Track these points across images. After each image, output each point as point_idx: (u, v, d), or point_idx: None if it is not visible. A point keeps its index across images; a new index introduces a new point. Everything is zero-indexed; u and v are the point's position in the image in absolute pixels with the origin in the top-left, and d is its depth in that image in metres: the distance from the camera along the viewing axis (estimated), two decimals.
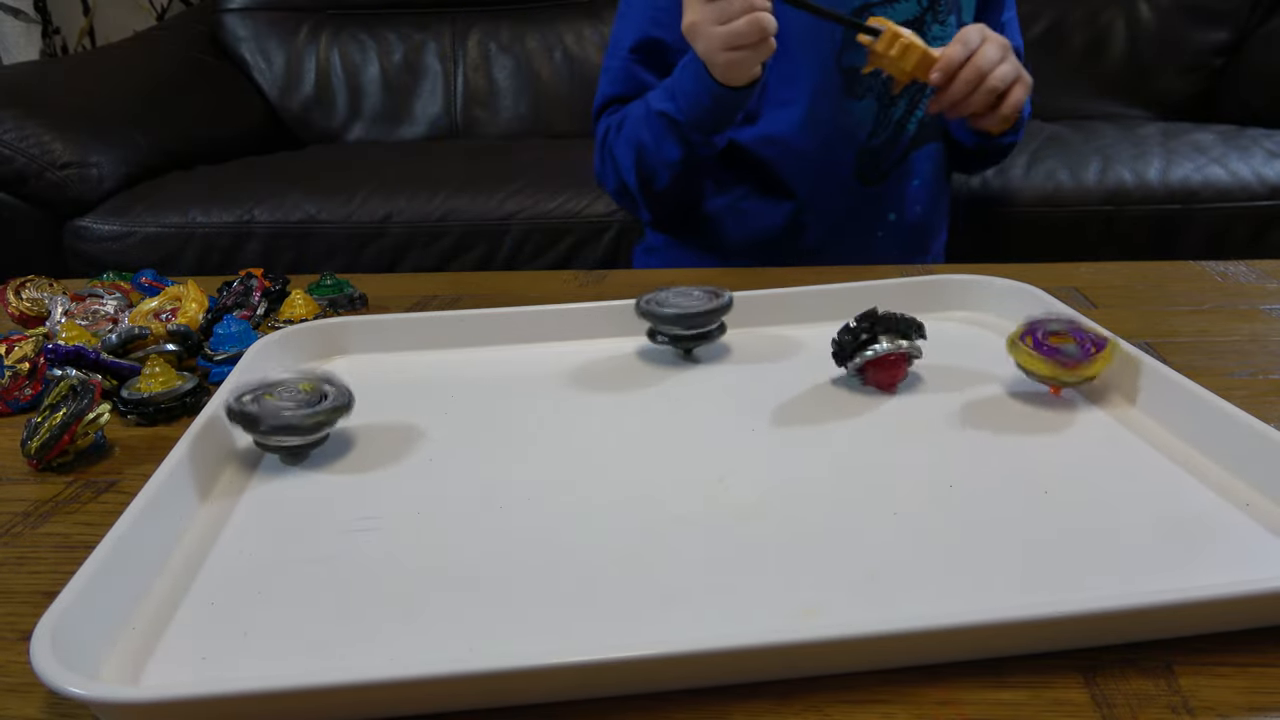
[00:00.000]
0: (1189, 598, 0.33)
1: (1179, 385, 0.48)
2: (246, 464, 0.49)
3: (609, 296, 0.75)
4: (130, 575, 0.38)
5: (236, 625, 0.37)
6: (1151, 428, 0.49)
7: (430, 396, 0.57)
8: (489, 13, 2.01)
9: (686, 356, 0.61)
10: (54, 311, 0.68)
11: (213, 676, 0.34)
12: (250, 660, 0.35)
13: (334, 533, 0.43)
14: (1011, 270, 0.72)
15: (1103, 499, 0.43)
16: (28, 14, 2.36)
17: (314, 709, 0.32)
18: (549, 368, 0.61)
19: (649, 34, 0.95)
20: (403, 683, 0.31)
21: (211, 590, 0.39)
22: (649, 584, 0.38)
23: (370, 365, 0.63)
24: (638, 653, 0.32)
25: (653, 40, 0.95)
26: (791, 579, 0.38)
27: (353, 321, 0.64)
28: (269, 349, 0.60)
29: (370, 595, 0.38)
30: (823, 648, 0.33)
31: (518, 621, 0.36)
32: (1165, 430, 0.49)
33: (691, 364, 0.60)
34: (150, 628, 0.37)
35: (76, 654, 0.33)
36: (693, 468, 0.47)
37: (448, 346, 0.64)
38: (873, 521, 0.42)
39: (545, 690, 0.33)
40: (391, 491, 0.47)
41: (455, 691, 0.32)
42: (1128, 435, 0.49)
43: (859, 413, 0.52)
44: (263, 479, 0.48)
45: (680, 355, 0.61)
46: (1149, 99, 1.92)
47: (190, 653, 0.35)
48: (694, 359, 0.60)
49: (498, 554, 0.41)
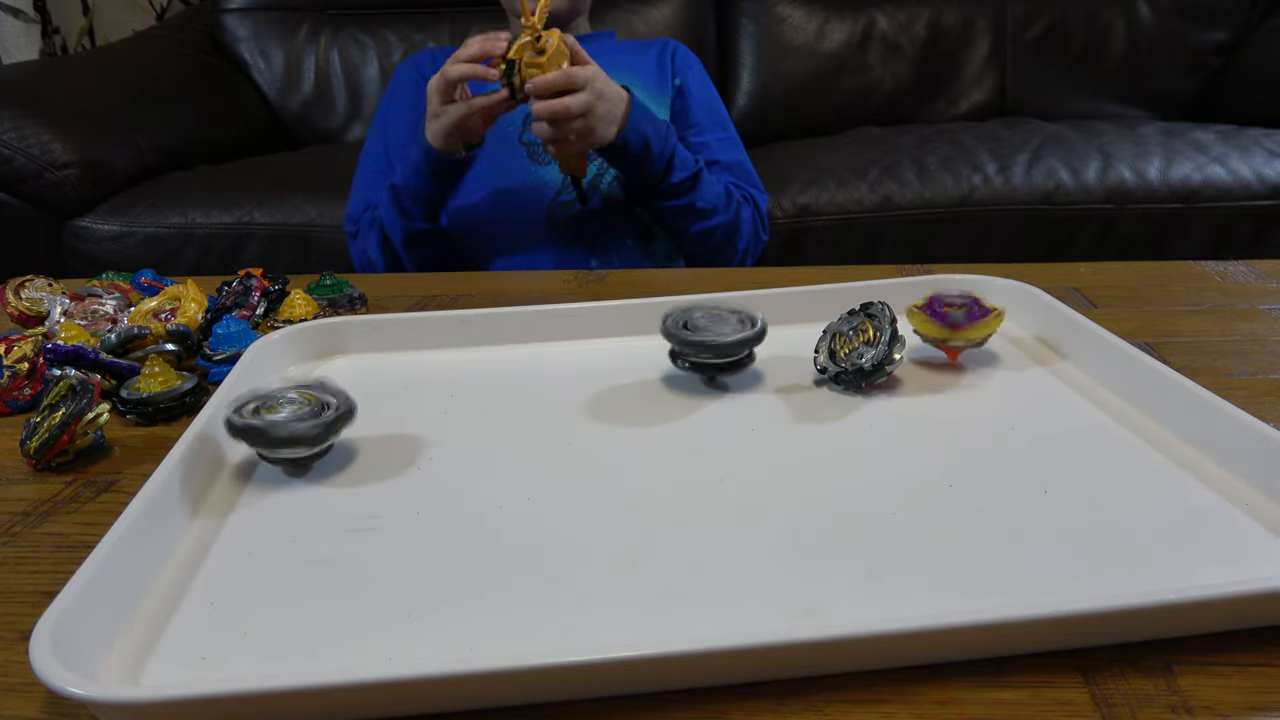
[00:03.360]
0: (1188, 598, 0.33)
1: (1179, 385, 0.48)
2: (246, 465, 0.49)
3: (609, 296, 0.75)
4: (130, 575, 0.38)
5: (236, 625, 0.37)
6: (1151, 427, 0.49)
7: (430, 396, 0.57)
8: (488, 13, 2.01)
9: (711, 384, 0.57)
10: (53, 311, 0.67)
11: (212, 676, 0.34)
12: (250, 660, 0.35)
13: (334, 533, 0.43)
14: (1011, 270, 0.72)
15: (1102, 499, 0.43)
16: (28, 14, 2.36)
17: (313, 709, 0.32)
18: (549, 368, 0.61)
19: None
20: (401, 682, 0.31)
21: (211, 590, 0.39)
22: (649, 584, 0.38)
23: (370, 365, 0.63)
24: (637, 652, 0.32)
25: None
26: (791, 579, 0.38)
27: (353, 321, 0.64)
28: (269, 349, 0.60)
29: (370, 595, 0.38)
30: (822, 648, 0.33)
31: (517, 621, 0.36)
32: (1165, 430, 0.49)
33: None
34: (150, 628, 0.37)
35: (76, 654, 0.33)
36: (693, 468, 0.47)
37: (448, 346, 0.64)
38: (873, 521, 0.42)
39: (545, 690, 0.33)
40: (391, 492, 0.47)
41: (454, 691, 0.32)
42: (1127, 435, 0.49)
43: (858, 413, 0.52)
44: (262, 479, 0.48)
45: (704, 383, 0.57)
46: (1149, 99, 1.92)
47: (190, 653, 0.35)
48: (720, 386, 0.56)
49: (497, 554, 0.41)
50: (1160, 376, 0.50)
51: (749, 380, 0.57)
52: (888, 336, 0.53)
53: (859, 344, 0.55)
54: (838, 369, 0.54)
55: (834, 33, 1.95)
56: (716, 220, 1.06)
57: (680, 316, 0.56)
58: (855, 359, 0.54)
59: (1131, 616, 0.33)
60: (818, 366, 0.56)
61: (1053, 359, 0.58)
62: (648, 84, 1.17)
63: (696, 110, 1.17)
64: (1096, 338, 0.55)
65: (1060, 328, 0.59)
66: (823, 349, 0.56)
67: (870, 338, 0.54)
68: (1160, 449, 0.47)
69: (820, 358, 0.56)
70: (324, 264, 1.44)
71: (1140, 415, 0.50)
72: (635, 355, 0.61)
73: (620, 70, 1.16)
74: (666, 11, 1.99)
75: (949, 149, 1.58)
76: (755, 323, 0.55)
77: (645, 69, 1.18)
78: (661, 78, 1.19)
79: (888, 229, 1.49)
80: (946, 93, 1.95)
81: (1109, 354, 0.54)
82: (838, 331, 0.56)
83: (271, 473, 0.48)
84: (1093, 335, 0.56)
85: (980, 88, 1.95)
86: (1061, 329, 0.59)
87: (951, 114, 1.94)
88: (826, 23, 1.96)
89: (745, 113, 1.96)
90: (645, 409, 0.54)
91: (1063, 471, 0.45)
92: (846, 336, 0.55)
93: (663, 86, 1.18)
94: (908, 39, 1.94)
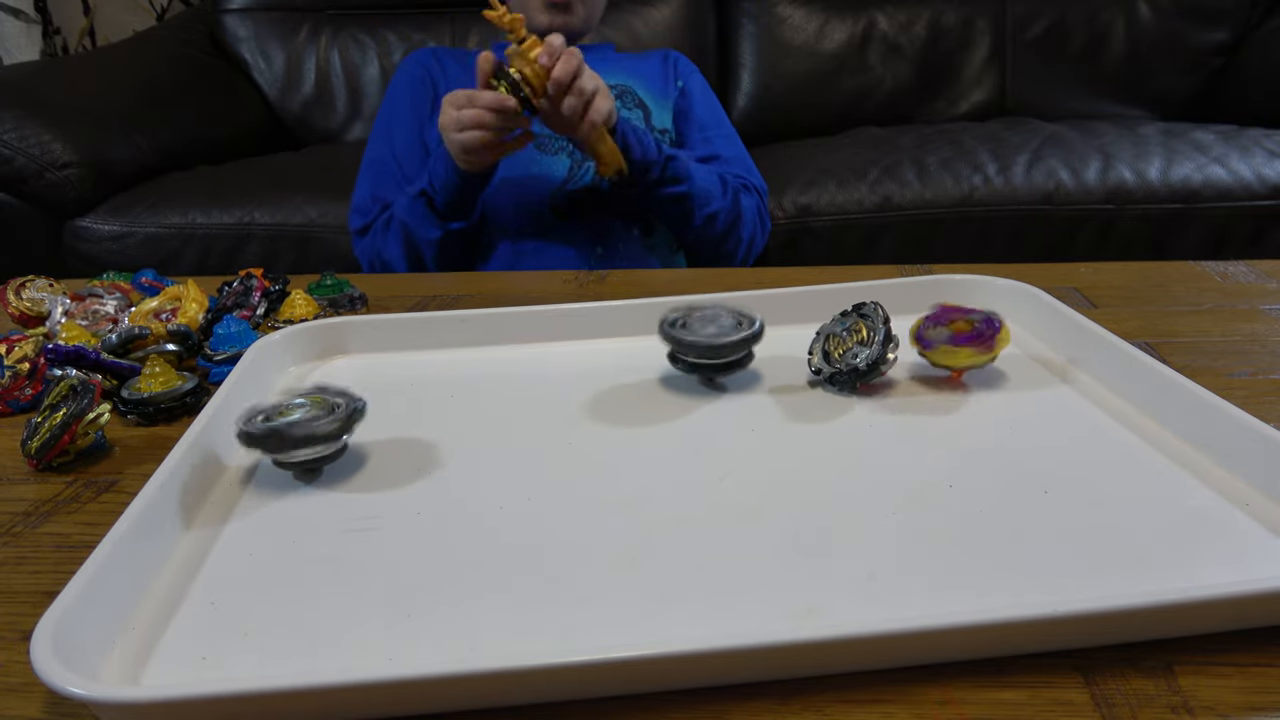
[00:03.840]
0: (1189, 598, 0.33)
1: (1180, 385, 0.48)
2: (247, 466, 0.50)
3: (609, 297, 0.75)
4: (131, 575, 0.38)
5: (237, 625, 0.37)
6: (1151, 427, 0.49)
7: (431, 397, 0.57)
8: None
9: (709, 384, 0.57)
10: (54, 312, 0.68)
11: (213, 676, 0.34)
12: (250, 660, 0.35)
13: (334, 533, 0.43)
14: (1012, 270, 0.72)
15: (1102, 499, 0.43)
16: (28, 14, 2.36)
17: (313, 709, 0.32)
18: (549, 368, 0.61)
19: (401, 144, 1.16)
20: (402, 682, 0.31)
21: (212, 590, 0.39)
22: (649, 584, 0.38)
23: (371, 365, 0.63)
24: (638, 653, 0.32)
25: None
26: (791, 579, 0.38)
27: (354, 321, 0.64)
28: (270, 349, 0.60)
29: (370, 595, 0.38)
30: (823, 648, 0.33)
31: (518, 621, 0.36)
32: (1165, 430, 0.49)
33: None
34: (150, 628, 0.37)
35: (77, 654, 0.33)
36: (692, 468, 0.47)
37: (449, 347, 0.64)
38: (873, 521, 0.42)
39: (546, 690, 0.33)
40: (392, 492, 0.46)
41: (455, 691, 0.32)
42: (1127, 435, 0.49)
43: (857, 413, 0.53)
44: (263, 480, 0.48)
45: (702, 383, 0.57)
46: (1149, 99, 1.92)
47: (190, 653, 0.35)
48: (719, 387, 0.57)
49: (498, 554, 0.41)
50: (1161, 377, 0.50)
51: (748, 381, 0.57)
52: (881, 336, 0.53)
53: (853, 344, 0.55)
54: (832, 370, 0.54)
55: (834, 33, 1.95)
56: (715, 206, 1.07)
57: (677, 318, 0.56)
58: (850, 359, 0.54)
59: (1132, 617, 0.33)
60: (812, 368, 0.56)
61: (1053, 359, 0.58)
62: (651, 87, 1.19)
63: (699, 108, 1.20)
64: (1097, 338, 0.55)
65: (1061, 328, 0.59)
66: (816, 350, 0.56)
67: (864, 337, 0.54)
68: (1160, 449, 0.47)
69: (814, 359, 0.56)
70: (324, 264, 1.45)
71: (1141, 415, 0.50)
72: (635, 356, 0.61)
73: (625, 74, 1.17)
74: (666, 12, 1.99)
75: (949, 149, 1.58)
76: (753, 323, 0.55)
77: (650, 73, 1.21)
78: (665, 81, 1.21)
79: (888, 229, 1.49)
80: (946, 93, 1.95)
81: (1110, 354, 0.54)
82: (831, 332, 0.56)
83: (272, 474, 0.48)
84: (1094, 336, 0.56)
85: (980, 88, 1.95)
86: (1062, 329, 0.59)
87: (951, 114, 1.94)
88: (826, 23, 1.96)
89: (745, 113, 1.96)
90: (644, 409, 0.54)
91: (1063, 471, 0.45)
92: (840, 337, 0.55)
93: (666, 90, 1.20)
94: (908, 39, 1.94)
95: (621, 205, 1.10)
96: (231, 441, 0.50)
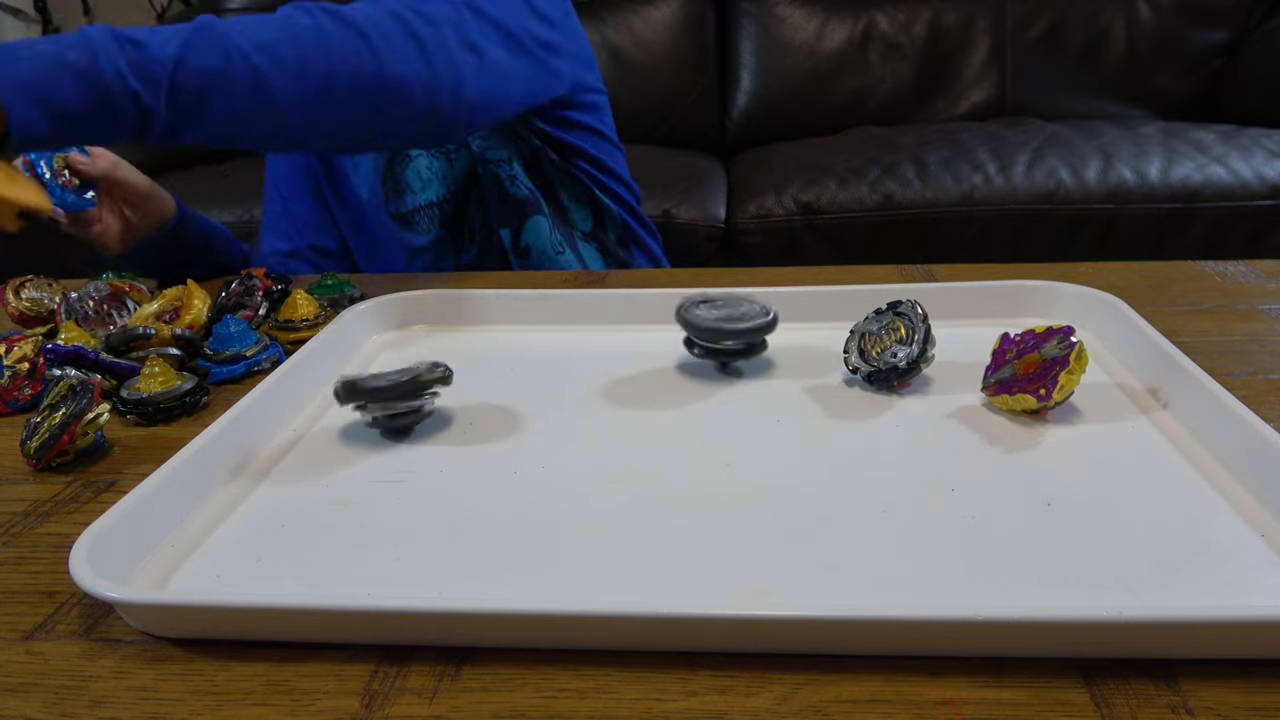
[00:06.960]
0: (1190, 616, 0.33)
1: (1184, 384, 0.48)
2: (302, 416, 0.55)
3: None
4: (172, 504, 0.44)
5: (251, 552, 0.42)
6: (1179, 432, 0.49)
7: (485, 369, 0.61)
8: None
9: (724, 370, 0.58)
10: (77, 307, 0.69)
11: (222, 590, 0.40)
12: (258, 582, 0.40)
13: (365, 481, 0.48)
14: (1012, 270, 0.72)
15: (1104, 507, 0.43)
16: (28, 14, 2.36)
17: (295, 627, 0.36)
18: (591, 351, 0.62)
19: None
20: (368, 613, 0.35)
21: (242, 523, 0.44)
22: (623, 552, 0.41)
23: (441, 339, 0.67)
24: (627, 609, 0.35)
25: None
26: (753, 561, 0.39)
27: (433, 295, 0.70)
28: (360, 317, 0.66)
29: (376, 536, 0.43)
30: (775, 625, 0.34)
31: (498, 571, 0.40)
32: (1193, 439, 0.48)
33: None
34: (179, 551, 0.42)
35: (111, 564, 0.38)
36: (700, 451, 0.49)
37: (515, 324, 0.68)
38: (860, 516, 0.42)
39: (491, 635, 0.36)
40: (426, 450, 0.51)
41: (428, 628, 0.36)
42: (1143, 439, 0.48)
43: (883, 411, 0.52)
44: (318, 430, 0.53)
45: (717, 369, 0.58)
46: (1149, 99, 1.92)
47: (208, 572, 0.41)
48: (734, 372, 0.58)
49: (500, 511, 0.44)
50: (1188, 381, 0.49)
51: (774, 373, 0.58)
52: (922, 334, 0.53)
53: (891, 343, 0.54)
54: (870, 368, 0.54)
55: (834, 33, 1.95)
56: (232, 67, 0.61)
57: (693, 304, 0.58)
58: (889, 358, 0.54)
59: (1133, 629, 0.33)
60: (849, 366, 0.55)
61: (1132, 384, 0.54)
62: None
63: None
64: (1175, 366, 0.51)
65: (1137, 352, 0.56)
66: (852, 349, 0.56)
67: (903, 336, 0.54)
68: (1167, 456, 0.46)
69: (851, 358, 0.55)
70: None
71: (1174, 421, 0.49)
72: (669, 349, 0.61)
73: None
74: (666, 12, 1.99)
75: (949, 149, 1.58)
76: (768, 312, 0.56)
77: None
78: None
79: (888, 228, 1.49)
80: (947, 93, 1.95)
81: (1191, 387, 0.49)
82: (866, 331, 0.56)
83: (320, 432, 0.53)
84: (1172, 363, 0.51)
85: (980, 88, 1.95)
86: (1137, 353, 0.56)
87: (952, 114, 1.94)
88: (826, 23, 1.96)
89: (745, 113, 1.96)
90: (674, 400, 0.55)
91: (1067, 477, 0.45)
92: (877, 336, 0.55)
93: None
94: (908, 39, 1.94)
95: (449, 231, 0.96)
96: (291, 398, 0.55)
